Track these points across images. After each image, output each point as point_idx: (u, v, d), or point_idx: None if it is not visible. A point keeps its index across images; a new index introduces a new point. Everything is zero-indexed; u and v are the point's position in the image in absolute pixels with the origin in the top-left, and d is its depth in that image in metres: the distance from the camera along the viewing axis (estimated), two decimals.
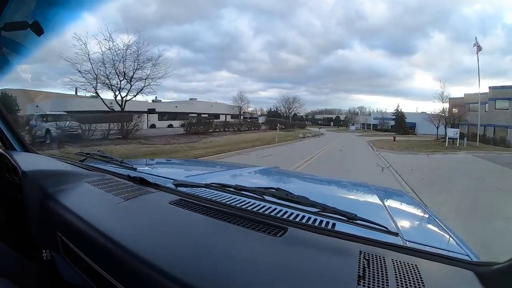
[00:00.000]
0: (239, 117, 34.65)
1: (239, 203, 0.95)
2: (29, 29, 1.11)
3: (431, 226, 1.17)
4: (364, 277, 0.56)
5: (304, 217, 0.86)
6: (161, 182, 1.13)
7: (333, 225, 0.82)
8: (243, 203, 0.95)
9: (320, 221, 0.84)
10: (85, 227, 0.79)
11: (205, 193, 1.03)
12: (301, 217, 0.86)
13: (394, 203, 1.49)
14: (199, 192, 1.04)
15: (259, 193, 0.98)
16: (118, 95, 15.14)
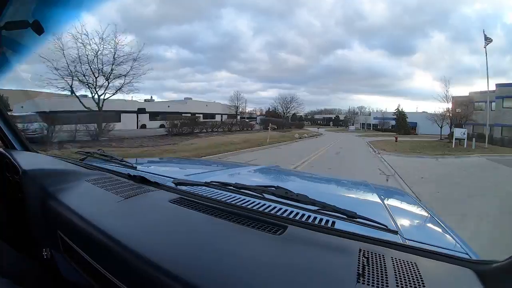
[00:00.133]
0: (236, 117, 33.17)
1: (239, 201, 0.96)
2: (29, 28, 1.11)
3: (430, 224, 1.17)
4: (363, 275, 0.56)
5: (304, 215, 0.87)
6: (161, 180, 1.14)
7: (332, 223, 0.83)
8: (243, 201, 0.96)
9: (319, 219, 0.85)
10: (85, 225, 0.80)
11: (205, 192, 1.03)
12: (301, 215, 0.87)
13: (393, 202, 1.50)
14: (199, 190, 1.04)
15: (259, 192, 0.98)
16: (95, 94, 13.85)
